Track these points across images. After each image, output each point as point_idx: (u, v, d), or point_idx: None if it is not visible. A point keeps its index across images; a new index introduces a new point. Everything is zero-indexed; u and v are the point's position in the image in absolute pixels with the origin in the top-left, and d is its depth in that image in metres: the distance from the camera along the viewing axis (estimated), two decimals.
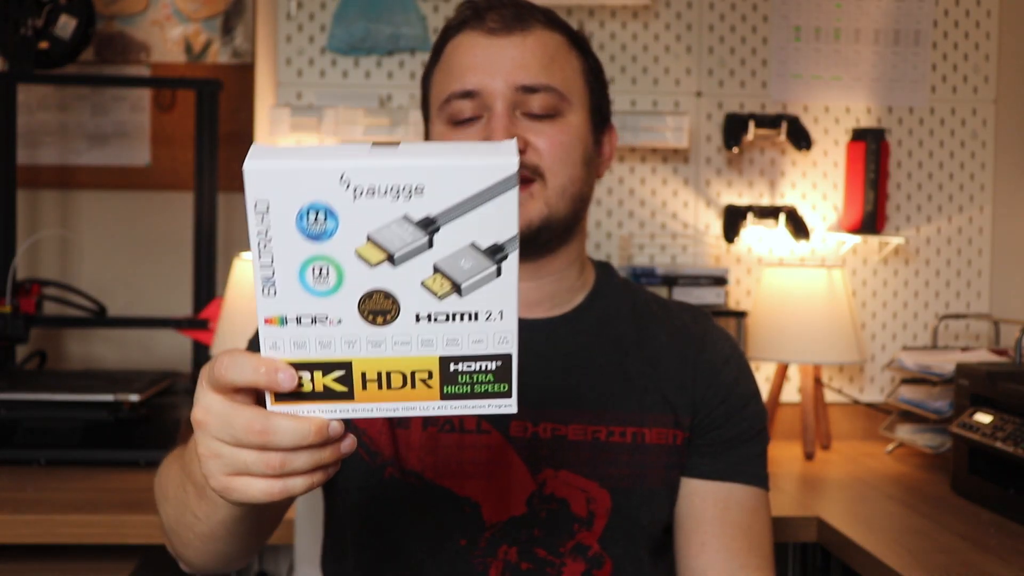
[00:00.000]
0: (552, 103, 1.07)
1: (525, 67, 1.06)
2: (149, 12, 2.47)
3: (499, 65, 1.06)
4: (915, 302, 2.37)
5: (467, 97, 1.07)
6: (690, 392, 1.12)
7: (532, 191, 1.06)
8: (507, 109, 1.06)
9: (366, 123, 2.17)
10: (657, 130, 2.21)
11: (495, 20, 1.08)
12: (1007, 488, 1.67)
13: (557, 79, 1.07)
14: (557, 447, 1.08)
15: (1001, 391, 1.73)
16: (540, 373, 1.10)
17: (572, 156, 1.08)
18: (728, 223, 2.25)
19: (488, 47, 1.07)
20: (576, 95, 1.10)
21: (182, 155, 2.49)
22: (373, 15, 2.24)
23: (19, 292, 2.17)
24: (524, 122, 1.07)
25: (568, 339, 1.12)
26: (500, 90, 1.06)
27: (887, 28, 2.34)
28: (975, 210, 2.37)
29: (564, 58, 1.10)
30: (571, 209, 1.09)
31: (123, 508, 1.60)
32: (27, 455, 1.82)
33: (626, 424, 1.09)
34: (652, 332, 1.15)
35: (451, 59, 1.10)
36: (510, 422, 1.08)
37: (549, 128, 1.07)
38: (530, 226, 1.06)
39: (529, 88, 1.06)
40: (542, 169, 1.06)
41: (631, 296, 1.19)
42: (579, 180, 1.09)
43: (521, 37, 1.07)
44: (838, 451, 2.19)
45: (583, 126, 1.10)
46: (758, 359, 2.17)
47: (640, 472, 1.08)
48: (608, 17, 2.30)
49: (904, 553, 1.47)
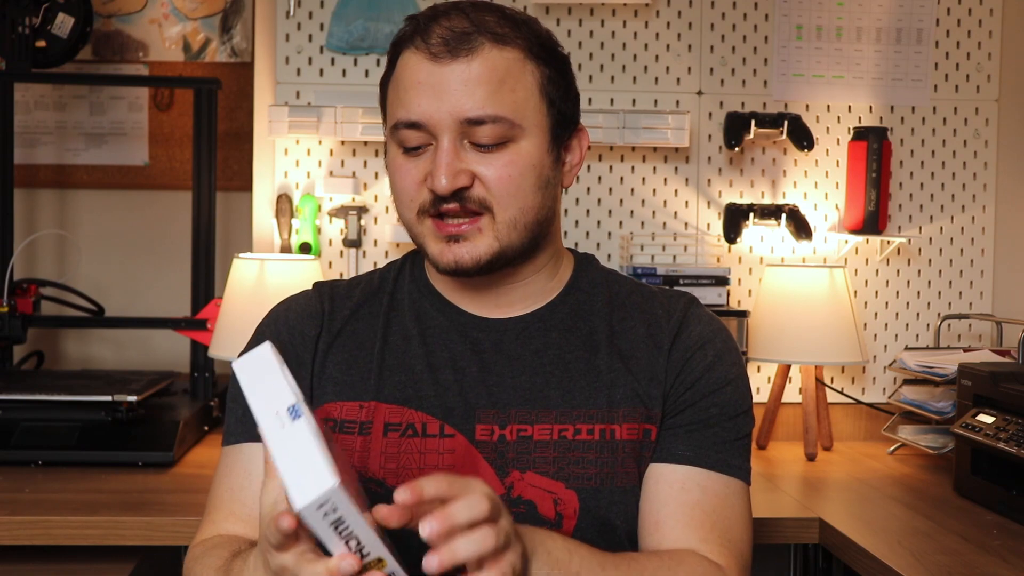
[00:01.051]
0: (501, 132, 1.03)
1: (471, 97, 1.02)
2: (147, 11, 2.46)
3: (443, 95, 1.02)
4: (917, 302, 2.36)
5: (413, 128, 1.04)
6: (661, 382, 1.10)
7: (480, 225, 1.05)
8: (453, 142, 1.03)
9: (365, 122, 2.16)
10: (658, 129, 2.20)
11: (438, 42, 1.03)
12: (1010, 489, 1.66)
13: (506, 106, 1.03)
14: (523, 448, 1.07)
15: (1004, 392, 1.72)
16: (508, 373, 1.09)
17: (523, 187, 1.05)
18: (729, 223, 2.24)
19: (431, 74, 1.03)
20: (529, 117, 1.05)
21: (180, 154, 2.48)
22: (372, 13, 2.23)
23: (16, 292, 2.16)
24: (472, 154, 1.04)
25: (538, 337, 1.12)
26: (446, 123, 1.02)
27: (889, 26, 2.33)
28: (977, 209, 2.36)
29: (516, 78, 1.04)
30: (526, 237, 1.07)
31: (121, 509, 1.59)
32: (24, 456, 1.81)
33: (594, 421, 1.08)
34: (628, 324, 1.13)
35: (400, 78, 1.07)
36: (476, 425, 1.07)
37: (498, 160, 1.04)
38: (478, 262, 1.05)
39: (474, 120, 1.02)
40: (490, 203, 1.04)
41: (610, 288, 1.17)
42: (533, 208, 1.06)
43: (466, 64, 1.02)
44: (840, 452, 2.19)
45: (536, 150, 1.06)
46: (760, 359, 2.16)
47: (609, 471, 1.07)
48: (609, 15, 2.29)
49: (906, 554, 1.46)
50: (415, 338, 1.12)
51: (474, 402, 1.08)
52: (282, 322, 1.15)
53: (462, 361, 1.10)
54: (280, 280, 1.97)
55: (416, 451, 1.06)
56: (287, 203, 2.22)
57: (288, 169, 2.25)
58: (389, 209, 2.27)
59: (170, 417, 1.92)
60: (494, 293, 1.13)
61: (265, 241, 2.27)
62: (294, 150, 2.26)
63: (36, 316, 2.20)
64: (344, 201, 2.25)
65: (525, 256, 1.10)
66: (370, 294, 1.17)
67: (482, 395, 1.08)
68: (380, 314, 1.14)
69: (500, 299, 1.13)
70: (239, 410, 1.12)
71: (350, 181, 2.22)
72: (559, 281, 1.16)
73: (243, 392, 0.84)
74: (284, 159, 2.25)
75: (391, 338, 1.12)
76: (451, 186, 1.02)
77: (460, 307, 1.13)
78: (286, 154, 2.26)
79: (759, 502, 1.76)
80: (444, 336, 1.12)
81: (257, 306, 1.42)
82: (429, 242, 1.07)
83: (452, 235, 1.05)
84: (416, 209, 1.06)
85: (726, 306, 2.16)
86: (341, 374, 1.11)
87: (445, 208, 1.04)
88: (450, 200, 1.03)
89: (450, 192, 1.03)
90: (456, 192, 1.03)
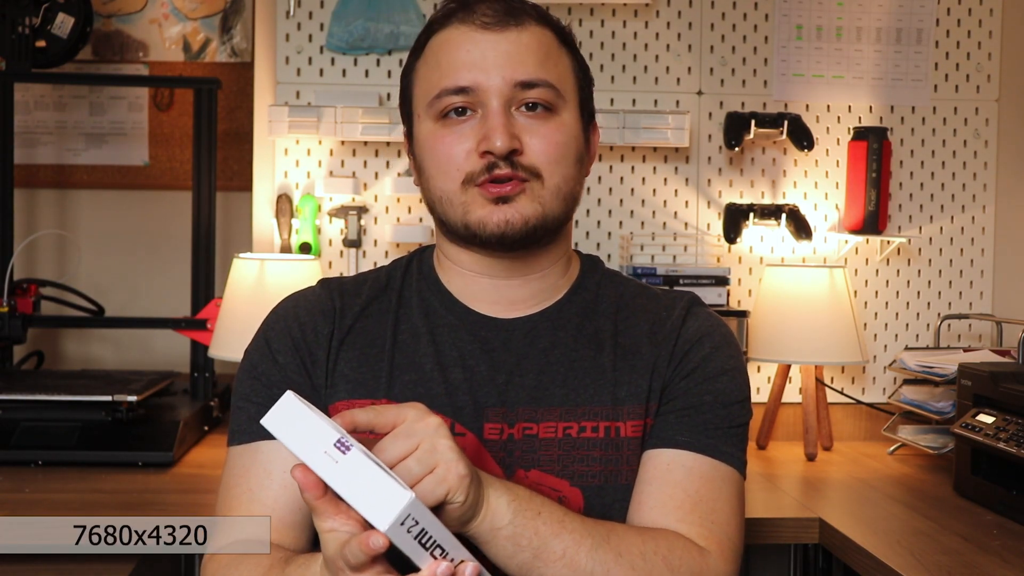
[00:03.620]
0: (549, 98, 1.06)
1: (522, 62, 1.05)
2: (147, 11, 2.46)
3: (494, 61, 1.04)
4: (917, 302, 2.36)
5: (460, 94, 1.05)
6: (662, 376, 1.11)
7: (528, 191, 1.05)
8: (503, 106, 1.04)
9: (365, 122, 2.15)
10: (658, 129, 2.19)
11: (487, 14, 1.06)
12: (1010, 489, 1.66)
13: (553, 75, 1.07)
14: (528, 447, 1.07)
15: (1004, 392, 1.72)
16: (516, 372, 1.10)
17: (567, 155, 1.07)
18: (729, 223, 2.24)
19: (481, 42, 1.05)
20: (569, 92, 1.09)
21: (180, 154, 2.48)
22: (372, 13, 2.23)
23: (16, 292, 2.16)
24: (520, 120, 1.05)
25: (546, 336, 1.12)
26: (497, 86, 1.04)
27: (889, 26, 2.33)
28: (977, 209, 2.36)
29: (557, 55, 1.09)
30: (564, 208, 1.09)
31: (121, 509, 1.59)
32: (24, 456, 1.81)
33: (599, 419, 1.08)
34: (632, 323, 1.14)
35: (440, 54, 1.07)
36: (485, 424, 1.07)
37: (544, 127, 1.06)
38: (527, 224, 1.05)
39: (527, 84, 1.05)
40: (539, 169, 1.05)
41: (616, 289, 1.18)
42: (572, 179, 1.09)
43: (516, 32, 1.06)
44: (840, 452, 2.19)
45: (576, 124, 1.10)
46: (760, 359, 2.16)
47: (614, 469, 1.08)
48: (609, 15, 2.29)
49: (906, 554, 1.46)
50: (424, 336, 1.11)
51: (483, 401, 1.08)
52: (292, 318, 1.14)
53: (471, 360, 1.10)
54: (280, 280, 1.97)
55: None
56: (287, 203, 2.22)
57: (288, 169, 2.25)
58: (389, 209, 2.26)
59: (170, 417, 1.92)
60: (511, 285, 1.12)
61: (265, 241, 2.27)
62: (294, 150, 2.26)
63: (36, 316, 2.20)
64: (344, 201, 2.25)
65: (554, 235, 1.11)
66: (378, 291, 1.16)
67: (491, 394, 1.09)
68: (390, 312, 1.14)
69: (514, 293, 1.13)
70: (252, 409, 1.10)
71: (350, 181, 2.22)
72: (568, 280, 1.16)
73: (284, 444, 0.85)
74: (284, 159, 2.25)
75: (400, 336, 1.12)
76: (508, 146, 1.03)
77: (469, 306, 1.13)
78: (286, 154, 2.26)
79: (759, 502, 1.77)
80: (453, 334, 1.12)
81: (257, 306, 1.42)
82: (474, 209, 1.06)
83: (501, 196, 1.05)
84: (462, 179, 1.05)
85: (726, 306, 2.16)
86: (352, 372, 1.11)
87: (498, 173, 1.04)
88: (503, 163, 1.04)
89: (506, 152, 1.03)
90: (508, 155, 1.04)
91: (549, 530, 0.96)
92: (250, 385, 1.12)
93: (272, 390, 1.09)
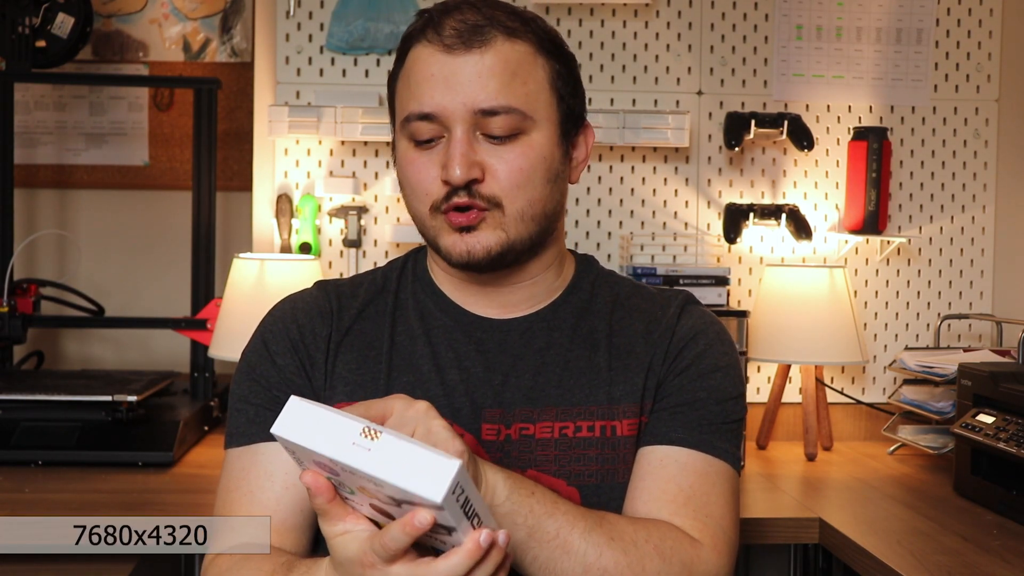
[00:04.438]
0: (513, 124, 1.04)
1: (484, 88, 1.03)
2: (147, 11, 2.46)
3: (456, 87, 1.03)
4: (917, 302, 2.36)
5: (426, 120, 1.04)
6: (656, 374, 1.11)
7: (488, 220, 1.05)
8: (466, 133, 1.03)
9: (365, 122, 2.15)
10: (658, 129, 2.19)
11: (452, 34, 1.04)
12: (1010, 489, 1.66)
13: (519, 98, 1.04)
14: (525, 447, 1.08)
15: (1004, 392, 1.72)
16: (513, 373, 1.10)
17: (533, 179, 1.06)
18: (729, 223, 2.24)
19: (444, 65, 1.03)
20: (541, 110, 1.06)
21: (180, 154, 2.48)
22: (372, 13, 2.23)
23: (16, 292, 2.16)
24: (484, 145, 1.04)
25: (542, 336, 1.12)
26: (459, 113, 1.03)
27: (889, 26, 2.33)
28: (977, 209, 2.36)
29: (527, 71, 1.06)
30: (534, 229, 1.08)
31: (121, 509, 1.59)
32: (24, 456, 1.81)
33: (595, 418, 1.09)
34: (627, 323, 1.14)
35: (411, 71, 1.07)
36: (483, 425, 1.08)
37: (509, 152, 1.04)
38: (490, 252, 1.05)
39: (488, 111, 1.03)
40: (499, 198, 1.05)
41: (611, 288, 1.18)
42: (541, 200, 1.07)
43: (479, 55, 1.03)
44: (840, 452, 2.19)
45: (547, 142, 1.07)
46: (759, 359, 2.16)
47: (611, 467, 1.08)
48: (609, 15, 2.29)
49: (906, 554, 1.46)
50: (420, 338, 1.12)
51: (480, 402, 1.09)
52: (290, 320, 1.14)
53: (467, 361, 1.11)
54: (280, 280, 1.97)
55: None
56: (287, 203, 2.22)
57: (288, 169, 2.25)
58: (389, 209, 2.26)
59: (170, 417, 1.92)
60: (501, 292, 1.13)
61: (265, 241, 2.27)
62: (294, 150, 2.25)
63: (36, 316, 2.20)
64: (344, 201, 2.25)
65: (533, 251, 1.10)
66: (375, 294, 1.16)
67: (488, 395, 1.09)
68: (386, 314, 1.14)
69: (506, 298, 1.13)
70: (251, 411, 1.10)
71: (350, 181, 2.22)
72: (563, 281, 1.17)
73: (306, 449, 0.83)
74: (284, 159, 2.25)
75: (397, 338, 1.12)
76: (465, 176, 1.02)
77: (464, 307, 1.14)
78: (286, 154, 2.25)
79: (759, 502, 1.77)
80: (449, 336, 1.12)
81: (257, 306, 1.42)
82: (442, 235, 1.07)
83: (464, 225, 1.05)
84: (430, 204, 1.06)
85: (726, 306, 2.16)
86: (351, 374, 1.11)
87: (458, 201, 1.04)
88: (462, 192, 1.04)
89: (464, 182, 1.03)
90: (468, 184, 1.03)
91: (543, 509, 0.97)
92: (248, 387, 1.11)
93: (272, 392, 1.09)
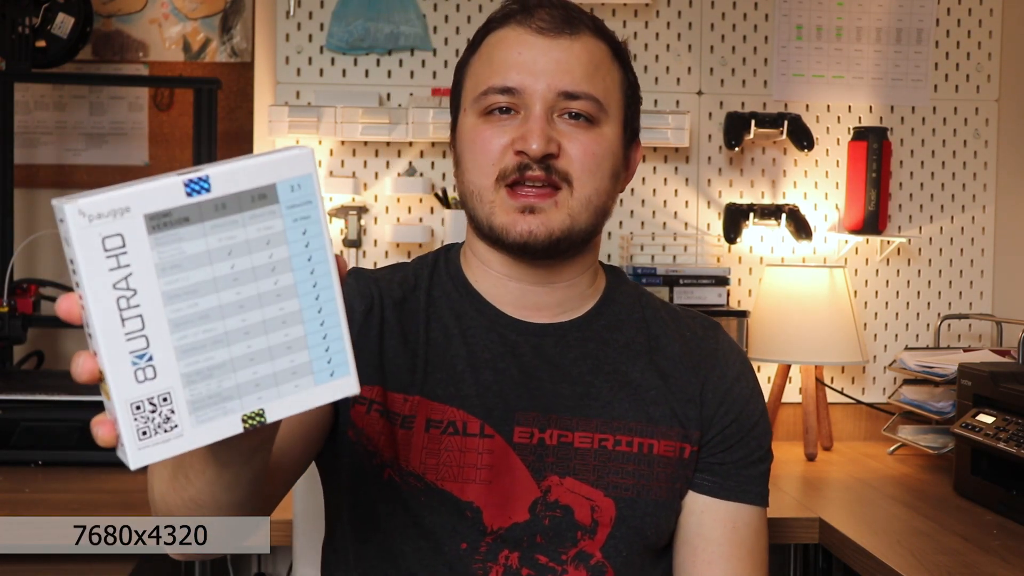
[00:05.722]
0: (590, 110, 1.06)
1: (570, 72, 1.05)
2: (147, 11, 2.46)
3: (544, 66, 1.05)
4: (917, 302, 2.36)
5: (505, 93, 1.05)
6: (699, 407, 1.12)
7: (557, 200, 1.05)
8: (545, 112, 1.04)
9: (365, 122, 2.16)
10: (658, 129, 2.19)
11: (544, 19, 1.06)
12: (1009, 489, 1.66)
13: (599, 89, 1.07)
14: (563, 454, 1.07)
15: (1004, 392, 1.72)
16: (548, 379, 1.09)
17: (602, 167, 1.07)
18: (729, 223, 2.24)
19: (534, 46, 1.05)
20: (613, 107, 1.09)
21: (180, 154, 2.48)
22: (372, 13, 2.23)
23: (16, 292, 2.16)
24: (560, 126, 1.05)
25: (578, 345, 1.12)
26: (541, 92, 1.04)
27: (889, 26, 2.33)
28: (977, 209, 2.36)
29: (607, 69, 1.09)
30: (592, 221, 1.08)
31: (121, 509, 1.59)
32: (24, 456, 1.81)
33: (633, 434, 1.09)
34: (663, 342, 1.14)
35: (493, 52, 1.08)
36: (514, 427, 1.07)
37: (583, 136, 1.06)
38: (551, 236, 1.05)
39: (570, 94, 1.05)
40: (571, 176, 1.05)
41: (642, 303, 1.18)
42: (604, 193, 1.08)
43: (569, 41, 1.06)
44: (840, 452, 2.19)
45: (616, 139, 1.09)
46: (760, 359, 2.16)
47: (646, 483, 1.08)
48: (609, 16, 2.29)
49: (906, 554, 1.46)
50: (456, 337, 1.11)
51: (514, 404, 1.08)
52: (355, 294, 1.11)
53: (502, 362, 1.10)
54: None
55: (456, 449, 1.06)
56: None
57: None
58: (389, 209, 2.27)
59: None
60: (538, 292, 1.12)
61: None
62: None
63: (36, 316, 2.20)
64: (344, 201, 2.25)
65: (581, 247, 1.11)
66: (408, 290, 1.15)
67: (522, 397, 1.08)
68: (421, 310, 1.13)
69: (542, 299, 1.12)
70: None
71: (350, 181, 2.22)
72: (596, 290, 1.16)
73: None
74: None
75: (432, 335, 1.11)
76: (543, 149, 1.03)
77: (498, 308, 1.13)
78: None
79: None
80: (484, 336, 1.11)
81: None
82: (499, 213, 1.06)
83: (528, 205, 1.04)
84: (496, 175, 1.05)
85: (726, 306, 2.16)
86: (388, 362, 1.10)
87: (530, 175, 1.04)
88: (536, 166, 1.03)
89: (541, 155, 1.03)
90: (543, 159, 1.03)
91: None
92: None
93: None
